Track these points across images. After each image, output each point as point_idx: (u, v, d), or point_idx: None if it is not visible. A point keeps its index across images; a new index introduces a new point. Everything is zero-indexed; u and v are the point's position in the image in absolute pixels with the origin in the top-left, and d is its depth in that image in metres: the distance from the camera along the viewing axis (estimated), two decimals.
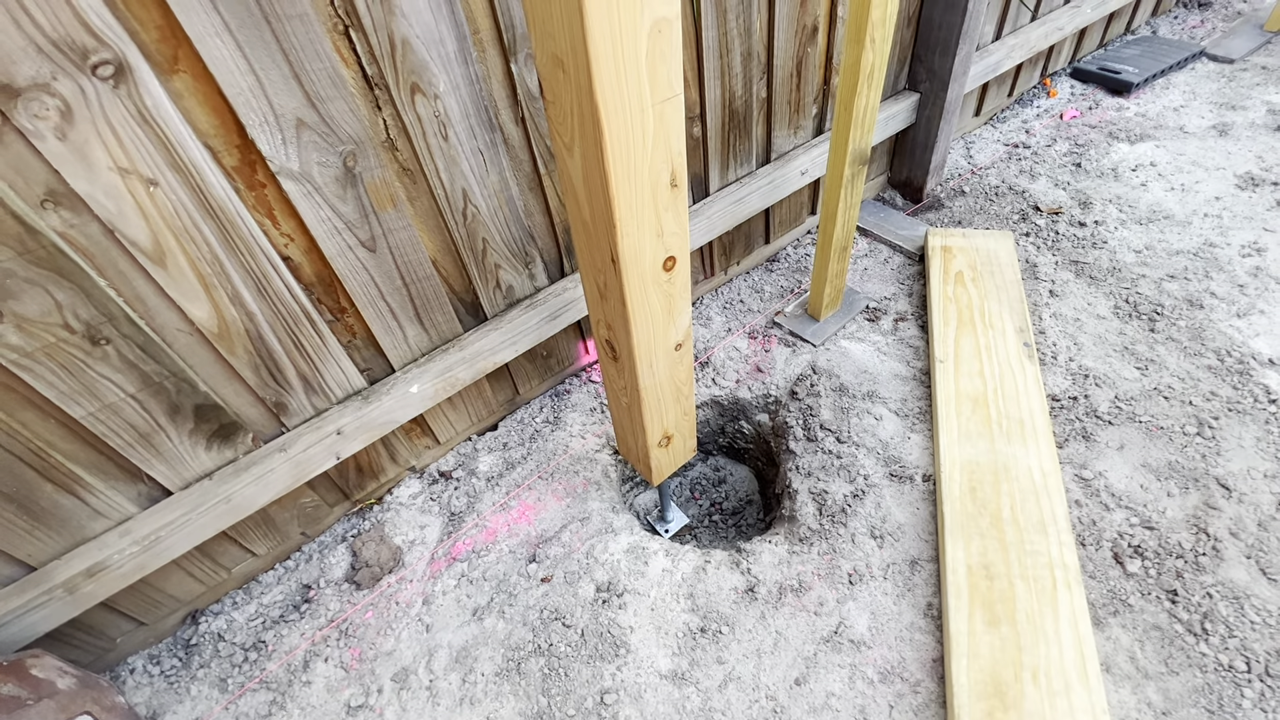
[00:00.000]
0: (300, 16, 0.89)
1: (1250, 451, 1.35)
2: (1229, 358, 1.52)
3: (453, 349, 1.34)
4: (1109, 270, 1.78)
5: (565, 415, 1.62)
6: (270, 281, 1.06)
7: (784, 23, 1.47)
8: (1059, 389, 1.50)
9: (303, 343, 1.15)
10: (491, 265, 1.33)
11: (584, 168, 0.82)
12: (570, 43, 0.68)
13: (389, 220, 1.13)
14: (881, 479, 1.39)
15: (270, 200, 1.00)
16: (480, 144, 1.17)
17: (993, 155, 2.28)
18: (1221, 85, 2.47)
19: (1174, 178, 2.07)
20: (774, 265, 1.98)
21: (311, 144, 0.98)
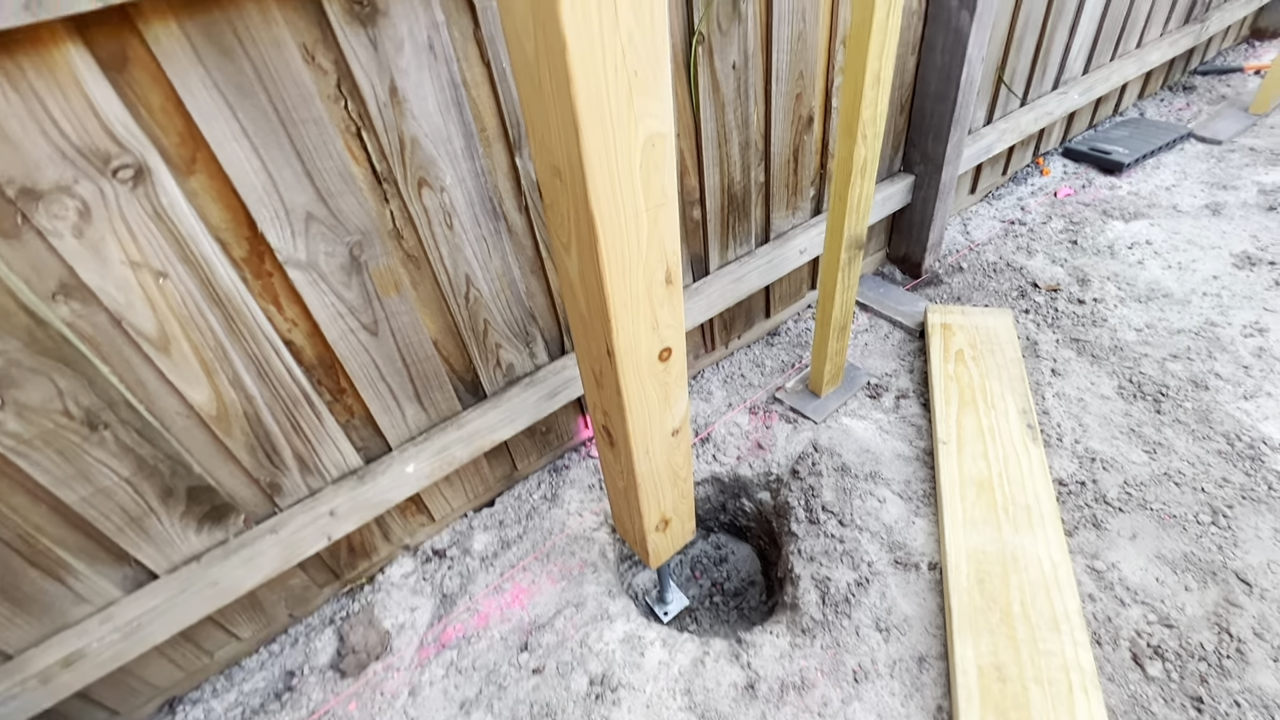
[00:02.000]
0: (315, 120, 0.94)
1: (1268, 543, 1.30)
2: (1239, 442, 1.49)
3: (450, 428, 1.34)
4: (1111, 349, 1.78)
5: (563, 492, 1.60)
6: (271, 365, 1.07)
7: (780, 114, 1.54)
8: (1066, 472, 1.47)
9: (301, 424, 1.15)
10: (492, 345, 1.34)
11: (580, 267, 0.84)
12: (567, 157, 0.71)
13: (392, 305, 1.15)
14: (886, 566, 1.35)
15: (276, 288, 1.03)
16: (484, 231, 1.20)
17: (990, 232, 2.32)
18: (1211, 165, 2.53)
19: (1170, 256, 2.09)
20: (774, 339, 1.99)
21: (319, 235, 1.02)
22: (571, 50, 0.61)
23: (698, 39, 1.28)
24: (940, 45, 1.72)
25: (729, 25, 1.32)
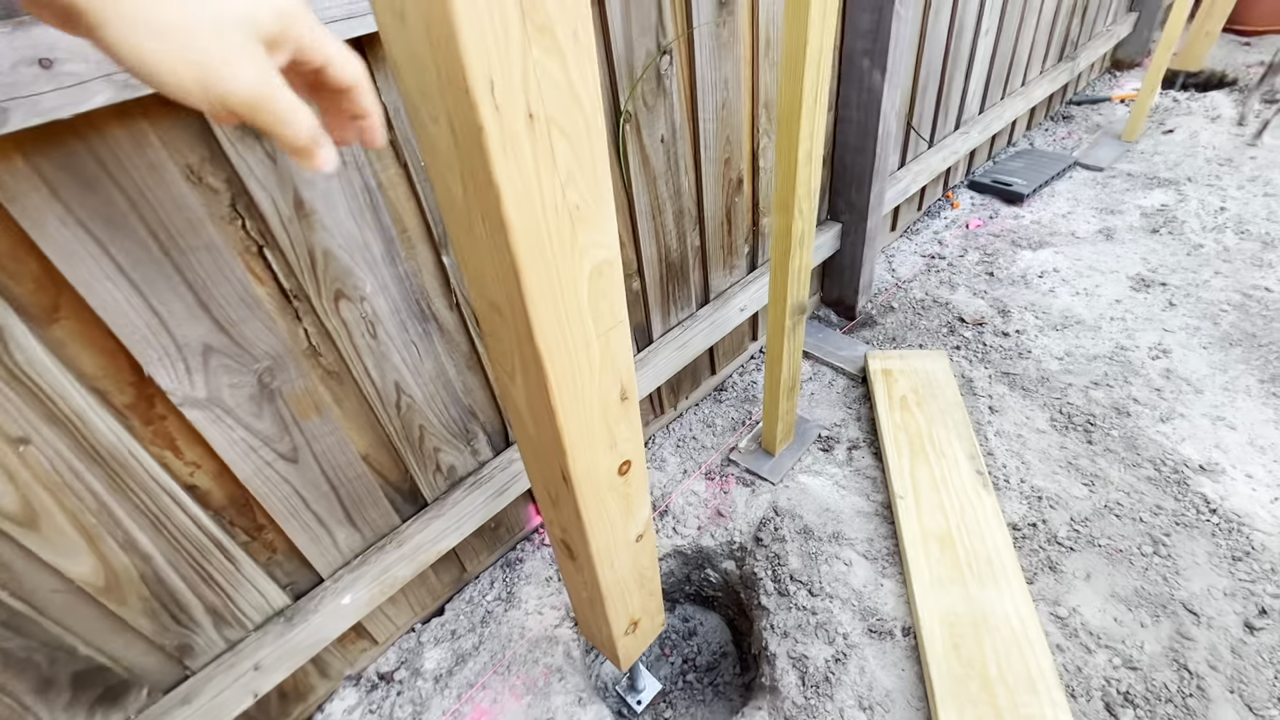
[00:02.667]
0: (206, 246, 0.82)
1: (1205, 568, 1.36)
2: (1164, 466, 1.57)
3: (390, 546, 1.21)
4: (1038, 380, 1.86)
5: (518, 589, 1.49)
6: (171, 516, 0.93)
7: (711, 180, 1.53)
8: (1017, 515, 1.50)
9: (211, 574, 1.01)
10: (430, 450, 1.24)
11: (528, 397, 0.76)
12: (506, 296, 0.64)
13: (313, 427, 1.03)
14: (861, 637, 1.32)
15: (172, 432, 0.89)
16: (413, 335, 1.11)
17: (913, 268, 2.41)
18: (1098, 191, 2.74)
19: (1077, 282, 2.23)
20: (722, 395, 1.97)
21: (221, 368, 0.89)
22: (506, 198, 0.55)
23: (625, 118, 1.25)
24: (855, 102, 1.77)
25: (655, 101, 1.29)
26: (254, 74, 0.37)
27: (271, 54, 0.39)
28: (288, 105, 0.40)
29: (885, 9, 1.59)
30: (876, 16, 1.61)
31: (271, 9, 0.39)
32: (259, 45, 0.38)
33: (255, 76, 0.38)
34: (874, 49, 1.66)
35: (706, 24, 1.30)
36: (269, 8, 0.38)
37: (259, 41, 0.38)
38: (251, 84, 0.37)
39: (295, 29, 0.40)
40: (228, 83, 0.36)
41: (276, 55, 0.40)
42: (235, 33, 0.36)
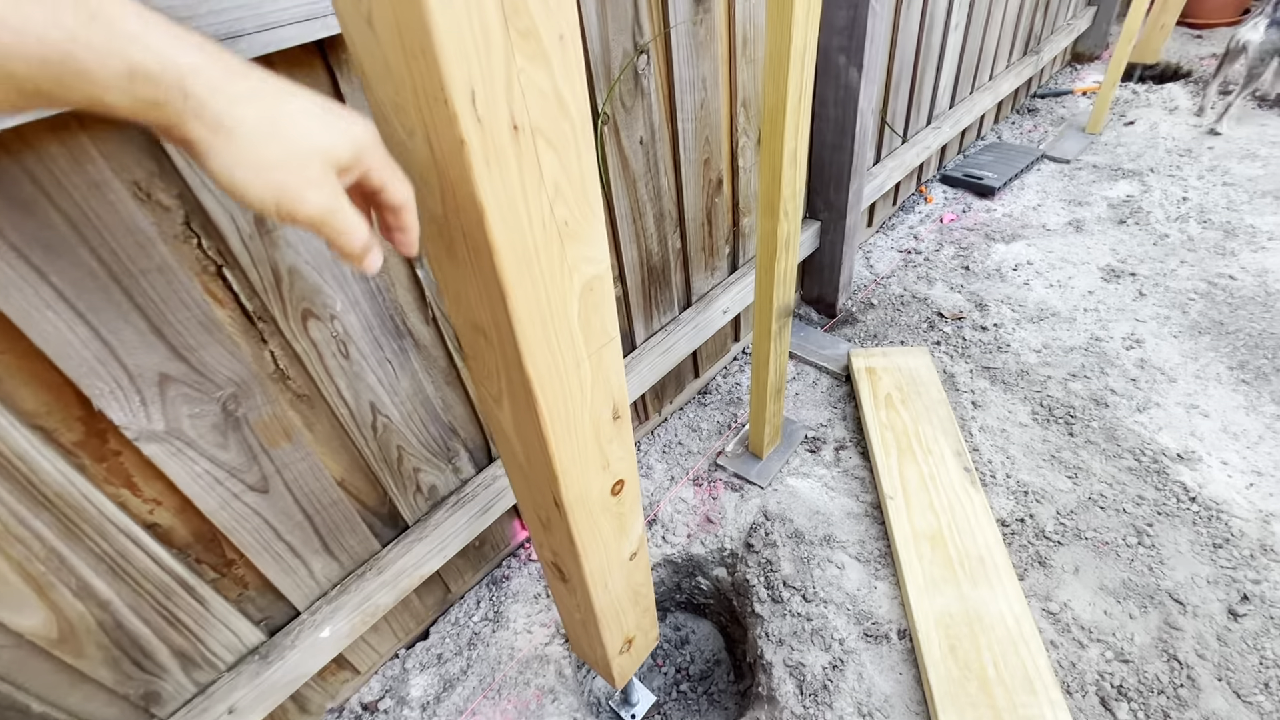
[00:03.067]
0: (159, 268, 0.76)
1: (1189, 557, 1.39)
2: (1144, 456, 1.60)
3: (370, 573, 1.16)
4: (1018, 374, 1.87)
5: (506, 608, 1.44)
6: (130, 559, 0.86)
7: (691, 181, 1.49)
8: (1005, 511, 1.51)
9: (177, 616, 0.94)
10: (410, 470, 1.18)
11: (516, 421, 0.72)
12: (492, 317, 0.60)
13: (283, 455, 0.97)
14: (857, 642, 1.31)
15: (127, 468, 0.83)
16: (388, 353, 1.05)
17: (891, 264, 2.41)
18: (1065, 184, 2.79)
19: (1050, 274, 2.26)
20: (706, 398, 1.94)
21: (180, 398, 0.83)
22: (490, 217, 0.50)
23: (603, 120, 1.20)
24: (833, 100, 1.75)
25: (633, 102, 1.25)
26: (322, 198, 0.42)
27: (341, 177, 0.44)
28: (346, 223, 0.44)
29: (860, 5, 1.58)
30: (852, 13, 1.60)
31: (350, 142, 0.43)
32: (332, 172, 0.43)
33: (323, 200, 0.42)
34: (850, 46, 1.64)
35: (683, 23, 1.27)
36: (348, 141, 0.43)
37: (333, 169, 0.43)
38: (319, 205, 0.42)
39: (366, 159, 0.45)
40: (299, 205, 0.41)
41: (345, 177, 0.44)
42: (315, 164, 0.41)
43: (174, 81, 0.36)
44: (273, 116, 0.40)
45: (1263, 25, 2.81)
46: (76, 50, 0.34)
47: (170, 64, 0.36)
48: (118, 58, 0.35)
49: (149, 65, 0.35)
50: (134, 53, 0.35)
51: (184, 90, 0.37)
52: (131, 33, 0.35)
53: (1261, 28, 2.81)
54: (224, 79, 0.38)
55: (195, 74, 0.37)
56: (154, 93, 0.36)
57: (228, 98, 0.38)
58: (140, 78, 0.35)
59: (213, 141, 0.38)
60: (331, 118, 0.43)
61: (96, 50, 0.34)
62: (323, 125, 0.42)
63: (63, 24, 0.33)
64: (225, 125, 0.38)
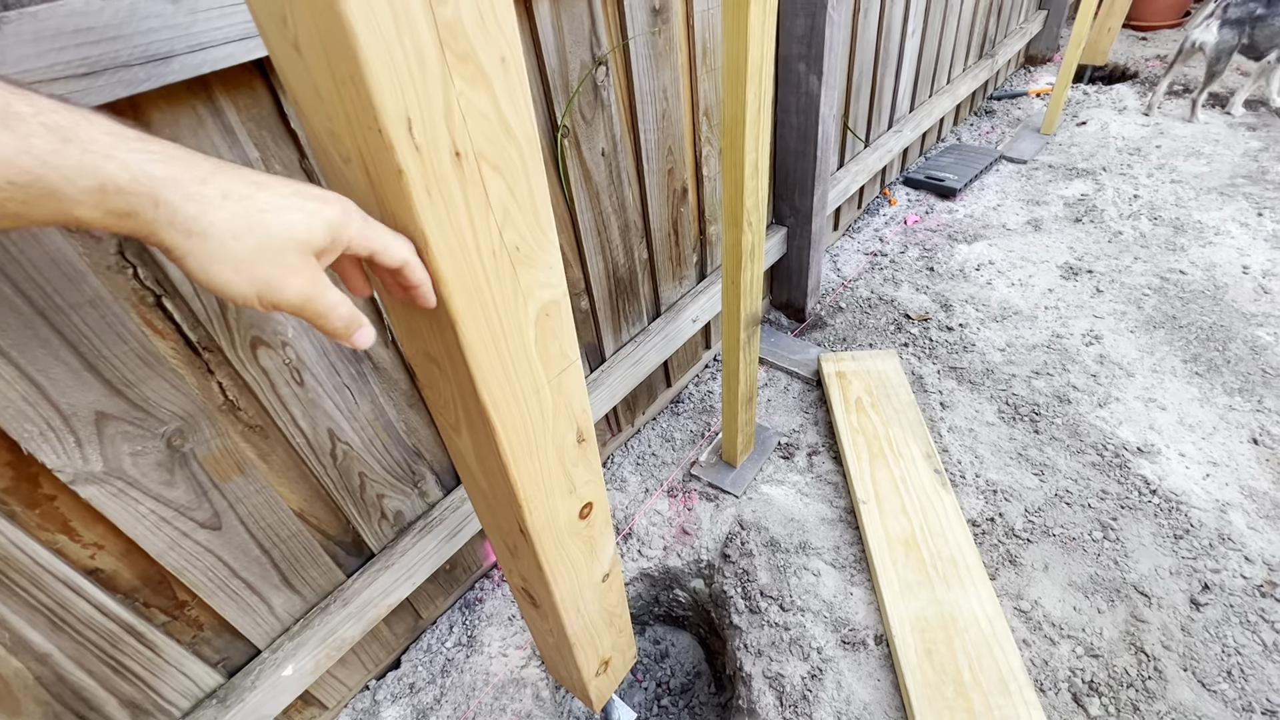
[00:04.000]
0: (91, 301, 0.72)
1: (1152, 549, 1.42)
2: (1106, 451, 1.63)
3: (335, 605, 1.12)
4: (984, 373, 1.90)
5: (480, 631, 1.41)
6: (70, 608, 0.81)
7: (655, 191, 1.49)
8: (975, 510, 1.53)
9: (125, 664, 0.89)
10: (373, 497, 1.14)
11: (476, 449, 0.70)
12: (444, 347, 0.58)
13: (236, 489, 0.93)
14: (835, 650, 1.30)
15: (64, 513, 0.78)
16: (345, 378, 1.02)
17: (858, 266, 2.44)
18: (1023, 184, 2.86)
19: (1011, 274, 2.31)
20: (679, 407, 1.93)
21: (120, 436, 0.79)
22: (434, 246, 0.48)
23: (563, 132, 1.19)
24: (794, 107, 1.76)
25: (593, 114, 1.24)
26: (302, 283, 0.43)
27: (321, 259, 0.44)
28: (327, 303, 0.45)
29: (818, 14, 1.59)
30: (810, 21, 1.61)
31: (324, 225, 0.43)
32: (310, 257, 0.43)
33: (302, 285, 0.43)
34: (809, 54, 1.66)
35: (641, 34, 1.26)
36: (322, 224, 0.43)
37: (310, 254, 0.43)
38: (299, 291, 0.43)
39: (344, 235, 0.44)
40: (280, 294, 0.42)
41: (325, 258, 0.44)
42: (291, 254, 0.42)
43: (145, 192, 0.37)
44: (245, 214, 0.40)
45: (1215, 25, 2.92)
46: (47, 174, 0.34)
47: (142, 176, 0.37)
48: (89, 175, 0.35)
49: (119, 180, 0.36)
50: (106, 169, 0.35)
51: (155, 200, 0.37)
52: (103, 151, 0.35)
53: (1215, 28, 2.92)
54: (195, 185, 0.39)
55: (166, 184, 0.37)
56: (125, 204, 0.36)
57: (199, 204, 0.39)
58: (111, 191, 0.36)
59: (188, 245, 0.39)
60: (303, 202, 0.43)
61: (68, 170, 0.34)
62: (295, 213, 0.42)
63: (34, 150, 0.33)
64: (198, 229, 0.39)
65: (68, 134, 0.34)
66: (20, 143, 0.33)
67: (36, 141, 0.33)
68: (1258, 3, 2.86)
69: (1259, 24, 2.87)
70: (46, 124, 0.34)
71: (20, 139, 0.33)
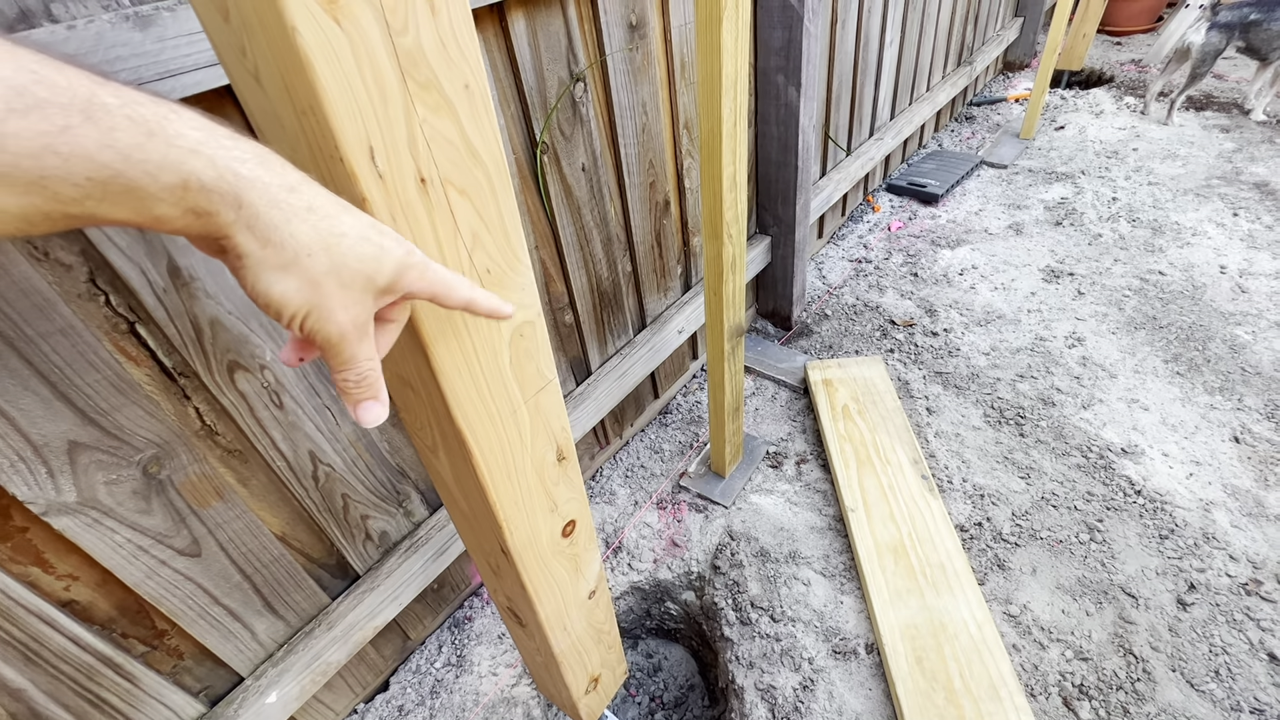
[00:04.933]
0: (62, 330, 0.71)
1: (1138, 550, 1.43)
2: (1091, 453, 1.65)
3: (319, 629, 1.10)
4: (969, 377, 1.92)
5: (469, 651, 1.40)
6: (45, 641, 0.80)
7: (637, 204, 1.49)
8: (963, 516, 1.53)
9: (102, 697, 0.87)
10: (357, 518, 1.13)
11: (454, 471, 0.69)
12: (416, 371, 0.58)
13: (216, 514, 0.92)
14: (826, 660, 1.30)
15: (37, 545, 0.77)
16: (325, 399, 1.01)
17: (843, 274, 2.45)
18: (1004, 189, 2.89)
19: (994, 278, 2.33)
20: (667, 418, 1.93)
21: (94, 465, 0.78)
22: None
23: (542, 149, 1.19)
24: (774, 118, 1.78)
25: (572, 130, 1.24)
26: (350, 318, 0.40)
27: (379, 300, 0.42)
28: (360, 352, 0.42)
29: (795, 27, 1.61)
30: (787, 34, 1.63)
31: (394, 265, 0.41)
32: (370, 296, 0.41)
33: (350, 321, 0.40)
34: (787, 66, 1.67)
35: (619, 50, 1.27)
36: (392, 263, 0.41)
37: (372, 293, 0.41)
38: (343, 326, 0.40)
39: (405, 279, 0.43)
40: (327, 321, 0.39)
41: (383, 299, 0.42)
42: (357, 287, 0.40)
43: (230, 192, 0.35)
44: (326, 233, 0.38)
45: (1203, 28, 2.96)
46: (129, 169, 0.32)
47: (228, 174, 0.35)
48: (172, 172, 0.33)
49: (204, 177, 0.34)
50: (190, 165, 0.33)
51: (239, 201, 0.35)
52: (189, 147, 0.33)
53: (1203, 30, 2.97)
54: (282, 193, 0.37)
55: (252, 186, 0.36)
56: (207, 203, 0.34)
57: (284, 212, 0.37)
58: (195, 189, 0.34)
59: (261, 254, 0.37)
60: (378, 236, 0.41)
61: (151, 166, 0.32)
62: (371, 246, 0.41)
63: (118, 144, 0.31)
64: (276, 239, 0.37)
65: (154, 127, 0.32)
66: (104, 136, 0.31)
67: (121, 135, 0.31)
68: (1251, 7, 2.90)
69: (1253, 29, 2.89)
70: (132, 116, 0.32)
71: (104, 132, 0.31)
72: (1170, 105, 3.16)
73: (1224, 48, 2.95)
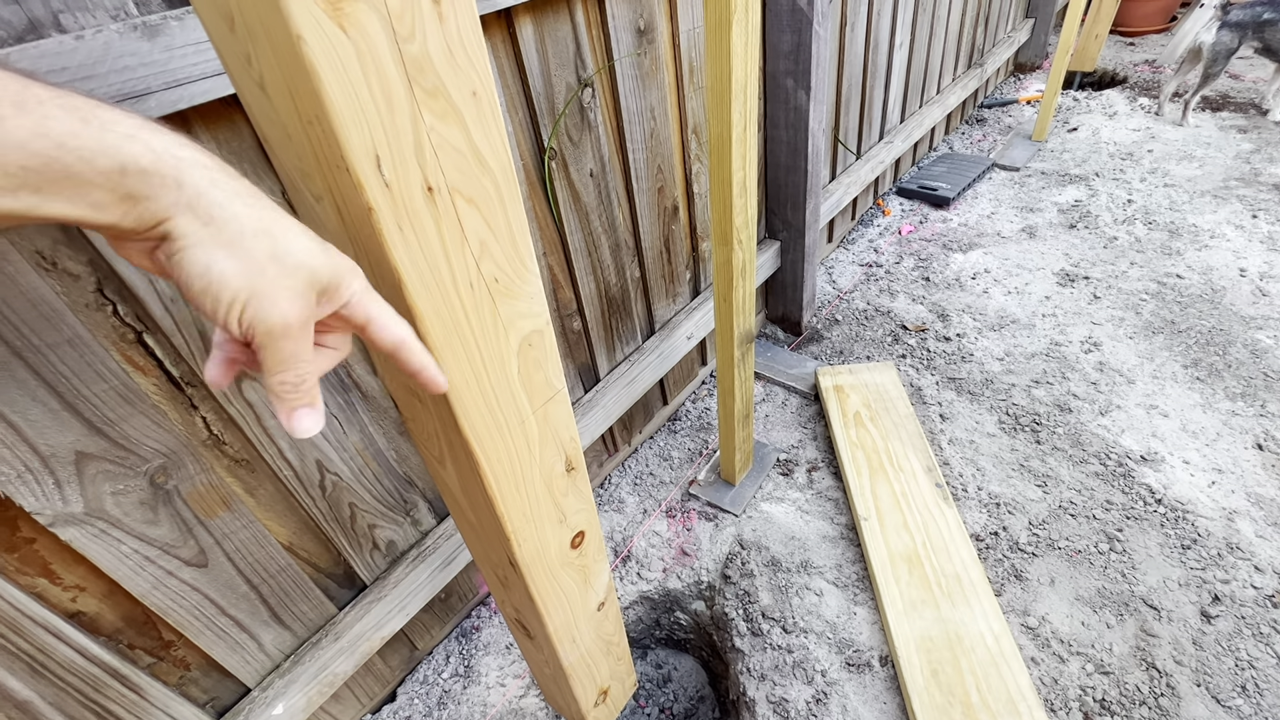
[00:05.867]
0: (70, 340, 0.71)
1: (1159, 560, 1.39)
2: (1109, 460, 1.61)
3: (326, 640, 1.09)
4: (983, 383, 1.89)
5: (477, 661, 1.38)
6: (51, 653, 0.79)
7: (646, 210, 1.48)
8: (978, 525, 1.50)
9: (108, 709, 0.87)
10: (364, 527, 1.13)
11: (461, 482, 0.68)
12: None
13: (223, 525, 0.92)
14: (839, 672, 1.28)
15: (44, 556, 0.76)
16: (333, 408, 1.00)
17: (853, 278, 2.43)
18: (1016, 191, 2.86)
19: (1008, 281, 2.30)
20: (676, 425, 1.91)
21: (101, 475, 0.77)
22: (408, 282, 0.47)
23: (550, 155, 1.18)
24: (784, 122, 1.77)
25: (580, 136, 1.23)
26: (292, 311, 0.39)
27: (320, 303, 0.41)
28: (301, 351, 0.40)
29: (804, 30, 1.59)
30: (796, 38, 1.62)
31: (333, 268, 0.41)
32: (311, 293, 0.40)
33: (292, 313, 0.39)
34: (797, 69, 1.66)
35: (627, 55, 1.26)
36: (331, 264, 0.41)
37: (313, 290, 0.40)
38: (285, 317, 0.38)
39: (345, 290, 0.42)
40: (269, 310, 0.38)
41: (324, 303, 0.42)
42: (300, 278, 0.39)
43: (170, 174, 0.35)
44: (267, 220, 0.38)
45: (1214, 28, 2.92)
46: (63, 155, 0.31)
47: (167, 156, 0.35)
48: (109, 156, 0.33)
49: (142, 161, 0.34)
50: (128, 149, 0.33)
51: (179, 181, 0.35)
52: (125, 132, 0.33)
53: (1214, 30, 2.92)
54: (222, 175, 0.37)
55: (194, 167, 0.36)
56: (145, 187, 0.34)
57: (225, 192, 0.37)
58: (133, 173, 0.33)
59: (201, 233, 0.36)
60: (320, 243, 0.41)
61: (86, 151, 0.32)
62: (313, 243, 0.41)
63: (51, 132, 0.31)
64: (220, 217, 0.36)
65: (87, 115, 0.32)
66: (36, 124, 0.31)
67: (54, 124, 0.31)
68: (1265, 6, 2.86)
69: (1268, 28, 2.85)
70: (65, 105, 0.32)
71: (36, 120, 0.31)
72: (1185, 106, 3.12)
73: (1236, 47, 2.91)
